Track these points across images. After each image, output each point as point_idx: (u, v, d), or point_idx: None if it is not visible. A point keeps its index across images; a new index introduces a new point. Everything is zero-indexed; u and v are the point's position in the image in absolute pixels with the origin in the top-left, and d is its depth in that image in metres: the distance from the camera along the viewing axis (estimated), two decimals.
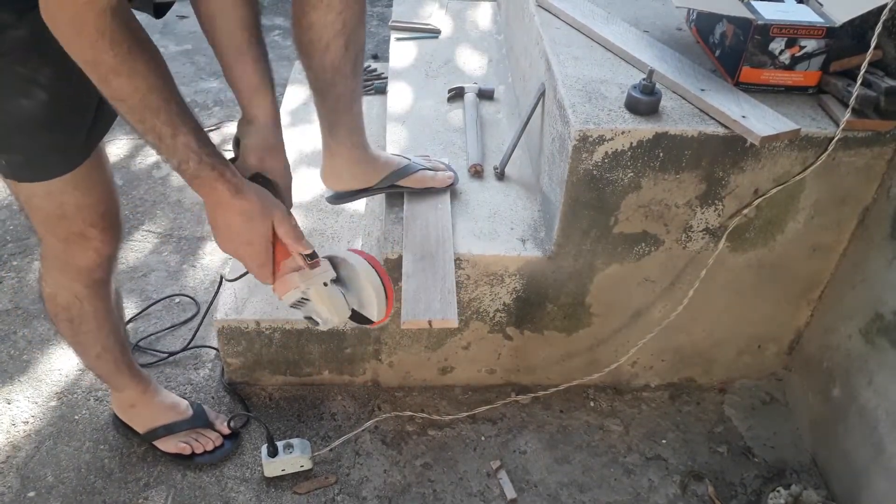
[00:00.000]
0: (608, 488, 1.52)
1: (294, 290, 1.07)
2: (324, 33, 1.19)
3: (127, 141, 2.45)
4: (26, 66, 0.95)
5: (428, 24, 2.17)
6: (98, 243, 1.19)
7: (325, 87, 1.31)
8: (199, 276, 1.96)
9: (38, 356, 1.72)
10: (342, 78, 1.29)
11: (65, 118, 1.04)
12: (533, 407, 1.67)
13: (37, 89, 0.98)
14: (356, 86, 1.35)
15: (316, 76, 1.28)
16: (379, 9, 3.39)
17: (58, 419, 1.59)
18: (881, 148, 1.32)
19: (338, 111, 1.36)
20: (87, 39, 0.85)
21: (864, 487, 1.42)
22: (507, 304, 1.53)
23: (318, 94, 1.35)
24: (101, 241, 1.19)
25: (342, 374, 1.67)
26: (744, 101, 1.30)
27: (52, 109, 1.01)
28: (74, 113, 1.05)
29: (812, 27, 1.26)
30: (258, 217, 1.04)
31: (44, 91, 0.98)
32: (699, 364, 1.70)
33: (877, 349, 1.39)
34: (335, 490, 1.48)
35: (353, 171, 1.46)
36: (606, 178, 1.32)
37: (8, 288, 1.89)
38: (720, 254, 1.43)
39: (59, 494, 1.45)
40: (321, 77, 1.28)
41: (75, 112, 1.05)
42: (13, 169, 1.07)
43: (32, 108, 0.99)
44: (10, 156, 1.05)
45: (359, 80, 1.35)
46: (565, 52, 1.47)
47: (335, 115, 1.38)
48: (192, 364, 1.72)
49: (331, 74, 1.27)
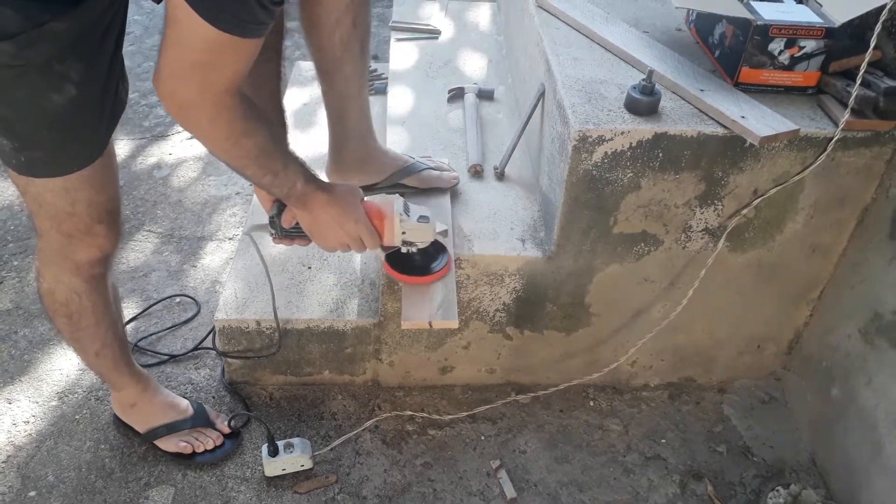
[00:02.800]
0: (608, 487, 1.52)
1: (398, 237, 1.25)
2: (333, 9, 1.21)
3: (127, 141, 2.45)
4: (64, 62, 0.97)
5: (428, 25, 2.17)
6: (102, 240, 1.20)
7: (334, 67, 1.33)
8: (199, 276, 1.97)
9: (39, 356, 1.72)
10: (351, 56, 1.32)
11: (88, 113, 1.05)
12: (533, 406, 1.67)
13: (68, 85, 0.99)
14: (364, 68, 1.38)
15: (325, 55, 1.30)
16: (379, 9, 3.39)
17: (58, 419, 1.59)
18: (880, 148, 1.32)
19: (347, 97, 1.38)
20: (226, 119, 1.00)
21: (863, 487, 1.42)
22: (507, 304, 1.53)
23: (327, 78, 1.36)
24: (106, 237, 1.20)
25: (342, 373, 1.67)
26: (743, 102, 1.30)
27: (78, 105, 1.02)
28: (96, 108, 1.06)
29: (811, 27, 1.26)
30: (351, 199, 1.21)
31: (74, 87, 1.00)
32: (699, 364, 1.71)
33: (876, 349, 1.40)
34: (335, 489, 1.48)
35: (359, 168, 1.47)
36: (606, 178, 1.32)
37: (9, 288, 1.90)
38: (719, 254, 1.43)
39: (60, 494, 1.45)
40: (330, 55, 1.30)
41: (97, 107, 1.06)
42: (32, 165, 1.07)
43: (61, 104, 1.00)
44: (32, 152, 1.06)
45: (366, 63, 1.38)
46: (565, 53, 1.47)
47: (344, 101, 1.39)
48: (192, 363, 1.73)
49: (340, 52, 1.30)
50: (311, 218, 1.22)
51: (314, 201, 1.18)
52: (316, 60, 1.35)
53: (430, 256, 1.34)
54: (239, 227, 2.10)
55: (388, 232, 1.24)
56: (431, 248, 1.31)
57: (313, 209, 1.20)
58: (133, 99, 2.60)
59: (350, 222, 1.21)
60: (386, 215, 1.23)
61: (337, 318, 1.56)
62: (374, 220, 1.23)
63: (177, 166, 2.34)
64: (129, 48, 2.90)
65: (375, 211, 1.24)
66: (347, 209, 1.21)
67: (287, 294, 1.57)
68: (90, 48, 0.99)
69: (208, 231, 2.11)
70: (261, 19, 0.91)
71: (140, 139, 2.46)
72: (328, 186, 1.21)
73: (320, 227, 1.22)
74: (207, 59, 0.92)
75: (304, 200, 1.18)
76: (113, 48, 1.04)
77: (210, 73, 0.94)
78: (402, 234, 1.25)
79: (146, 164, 2.37)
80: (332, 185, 1.22)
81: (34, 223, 1.18)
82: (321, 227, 1.22)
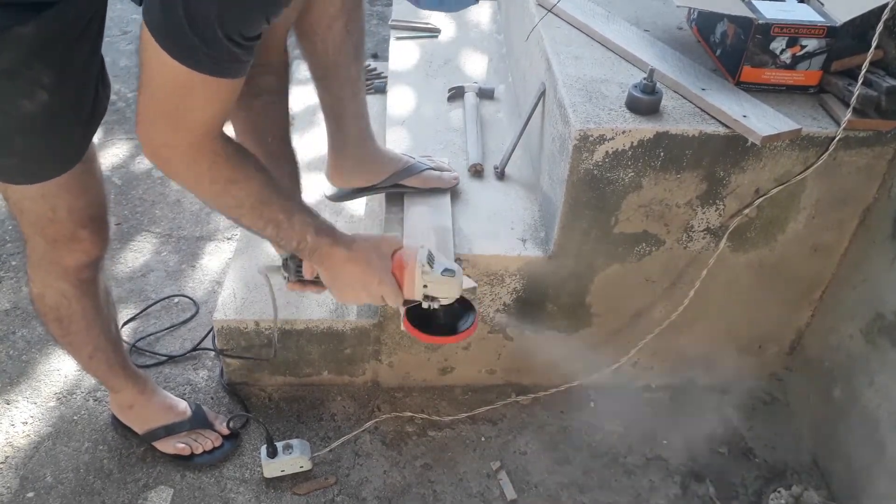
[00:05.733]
0: (608, 489, 1.52)
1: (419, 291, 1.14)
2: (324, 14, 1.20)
3: (127, 141, 2.45)
4: (33, 67, 0.95)
5: (428, 24, 2.16)
6: (88, 244, 1.19)
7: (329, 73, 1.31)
8: (198, 276, 1.96)
9: (38, 357, 1.72)
10: (345, 59, 1.30)
11: (62, 119, 1.03)
12: (533, 407, 1.66)
13: (39, 91, 0.97)
14: (359, 72, 1.36)
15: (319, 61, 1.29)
16: (379, 8, 3.38)
17: (57, 420, 1.58)
18: (882, 148, 1.31)
19: (343, 99, 1.37)
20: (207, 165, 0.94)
21: (865, 488, 1.42)
22: (507, 304, 1.52)
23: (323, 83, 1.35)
24: (91, 242, 1.19)
25: (342, 374, 1.66)
26: (745, 101, 1.30)
27: (51, 111, 1.00)
28: (71, 113, 1.04)
29: (813, 26, 1.26)
30: (376, 258, 1.11)
31: (46, 92, 0.97)
32: (700, 364, 1.70)
33: (878, 349, 1.39)
34: (335, 491, 1.48)
35: (359, 169, 1.46)
36: (607, 177, 1.32)
37: (7, 288, 1.89)
38: (721, 254, 1.42)
39: (58, 495, 1.44)
40: (324, 60, 1.29)
41: (72, 113, 1.04)
42: (7, 172, 1.06)
43: (33, 110, 0.98)
44: (4, 159, 1.04)
45: (361, 67, 1.36)
46: (565, 52, 1.47)
47: (341, 104, 1.38)
48: (191, 364, 1.72)
49: (334, 56, 1.28)
50: (329, 274, 1.13)
51: (331, 258, 1.10)
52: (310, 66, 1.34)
53: (454, 314, 1.21)
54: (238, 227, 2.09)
55: (408, 284, 1.13)
56: (457, 304, 1.18)
57: (331, 266, 1.11)
58: (132, 99, 2.60)
59: (374, 283, 1.11)
60: (406, 266, 1.12)
61: (336, 319, 1.55)
62: (394, 270, 1.13)
63: None
64: (128, 47, 2.90)
65: (397, 261, 1.13)
66: (371, 269, 1.11)
67: (287, 294, 1.56)
68: (62, 53, 0.95)
69: (207, 231, 2.10)
70: (234, 57, 0.85)
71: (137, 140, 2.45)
72: (347, 241, 1.10)
73: (339, 285, 1.13)
74: (179, 100, 0.88)
75: (319, 256, 1.09)
76: (89, 53, 1.01)
77: (184, 116, 0.89)
78: (424, 287, 1.13)
79: (145, 164, 2.36)
80: (352, 239, 1.11)
81: (20, 229, 1.17)
82: (341, 286, 1.13)
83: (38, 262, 1.21)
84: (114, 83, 1.16)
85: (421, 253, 1.13)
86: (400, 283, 1.13)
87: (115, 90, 2.66)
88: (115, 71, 2.69)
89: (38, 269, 1.22)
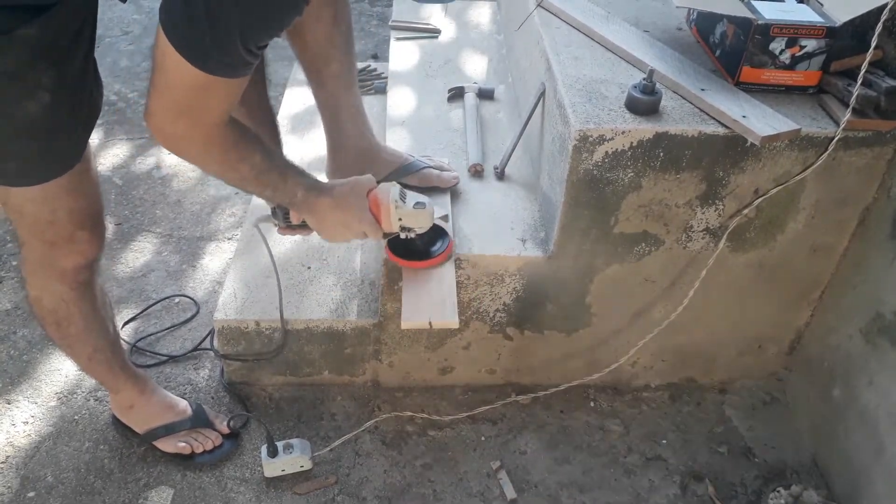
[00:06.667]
0: (608, 489, 1.52)
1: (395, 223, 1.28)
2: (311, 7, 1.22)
3: (127, 141, 2.45)
4: (35, 69, 0.95)
5: (428, 24, 2.17)
6: (85, 246, 1.19)
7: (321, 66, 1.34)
8: (198, 276, 1.96)
9: (38, 356, 1.72)
10: (337, 52, 1.33)
11: (63, 119, 1.04)
12: (533, 407, 1.67)
13: (42, 92, 0.98)
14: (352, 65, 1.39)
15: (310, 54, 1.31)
16: (379, 9, 3.39)
17: (57, 419, 1.59)
18: (882, 148, 1.32)
19: (337, 93, 1.38)
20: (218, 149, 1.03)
21: (864, 488, 1.42)
22: (507, 304, 1.53)
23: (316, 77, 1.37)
24: (89, 243, 1.19)
25: (342, 374, 1.66)
26: (744, 101, 1.30)
27: (53, 111, 1.00)
28: (71, 113, 1.05)
29: (812, 27, 1.26)
30: (354, 200, 1.23)
31: (48, 93, 0.98)
32: (700, 364, 1.70)
33: (877, 349, 1.39)
34: (335, 490, 1.48)
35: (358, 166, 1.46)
36: (606, 177, 1.32)
37: (8, 288, 1.89)
38: (720, 254, 1.43)
39: (59, 495, 1.45)
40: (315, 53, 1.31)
41: (72, 112, 1.05)
42: (8, 174, 1.06)
43: (36, 111, 0.99)
44: (7, 161, 1.04)
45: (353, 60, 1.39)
46: (565, 52, 1.47)
47: (335, 99, 1.40)
48: (192, 364, 1.72)
49: (325, 48, 1.31)
50: (316, 220, 1.25)
51: (318, 206, 1.22)
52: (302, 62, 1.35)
53: (430, 241, 1.37)
54: (238, 227, 2.10)
55: (384, 219, 1.26)
56: (432, 232, 1.34)
57: (318, 213, 1.23)
58: (132, 99, 2.60)
59: (354, 222, 1.24)
60: (381, 203, 1.26)
61: (337, 319, 1.56)
62: (371, 208, 1.26)
63: (176, 166, 2.34)
64: (129, 48, 2.89)
65: (373, 200, 1.26)
66: (352, 210, 1.23)
67: (287, 294, 1.57)
68: (61, 53, 0.97)
69: (207, 231, 2.11)
70: (247, 61, 0.93)
71: (139, 139, 2.46)
72: (330, 189, 1.23)
73: (326, 227, 1.26)
74: (196, 100, 0.95)
75: (308, 206, 1.22)
76: (85, 52, 1.02)
77: (199, 113, 0.97)
78: (399, 220, 1.27)
79: (145, 164, 2.36)
80: (333, 186, 1.24)
81: (17, 233, 1.17)
82: (327, 228, 1.26)
83: (35, 266, 1.22)
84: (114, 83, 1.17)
85: (393, 190, 1.26)
86: (378, 219, 1.25)
87: (116, 90, 2.67)
88: (116, 71, 2.69)
89: (35, 273, 1.23)
